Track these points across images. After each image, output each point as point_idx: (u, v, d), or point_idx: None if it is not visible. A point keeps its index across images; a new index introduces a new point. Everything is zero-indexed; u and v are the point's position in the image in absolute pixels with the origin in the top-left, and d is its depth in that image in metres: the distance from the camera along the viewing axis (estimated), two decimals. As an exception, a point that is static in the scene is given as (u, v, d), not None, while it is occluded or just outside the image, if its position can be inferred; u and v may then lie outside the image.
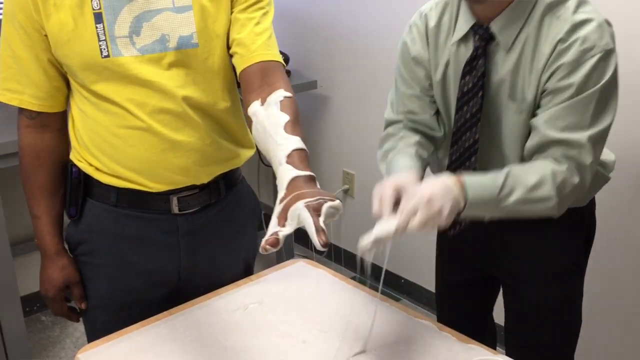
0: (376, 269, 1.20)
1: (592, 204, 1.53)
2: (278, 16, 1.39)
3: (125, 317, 1.37)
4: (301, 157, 1.07)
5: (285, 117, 1.14)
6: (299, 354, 1.24)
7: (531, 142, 1.31)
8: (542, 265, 1.47)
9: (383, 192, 1.17)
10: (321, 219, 0.94)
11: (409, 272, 2.97)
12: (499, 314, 1.70)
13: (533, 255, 1.48)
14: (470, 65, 1.34)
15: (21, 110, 1.35)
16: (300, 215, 0.94)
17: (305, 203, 0.95)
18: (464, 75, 1.35)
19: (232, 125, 1.40)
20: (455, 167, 1.42)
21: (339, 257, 3.20)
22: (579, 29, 1.23)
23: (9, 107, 1.34)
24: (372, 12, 2.74)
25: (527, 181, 1.24)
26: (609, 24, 1.26)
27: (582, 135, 1.24)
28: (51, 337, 2.70)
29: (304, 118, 1.21)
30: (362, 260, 1.12)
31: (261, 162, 3.28)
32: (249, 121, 1.22)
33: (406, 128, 1.48)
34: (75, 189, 1.38)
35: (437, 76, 1.42)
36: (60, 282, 1.41)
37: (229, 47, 1.32)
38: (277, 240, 0.92)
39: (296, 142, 1.09)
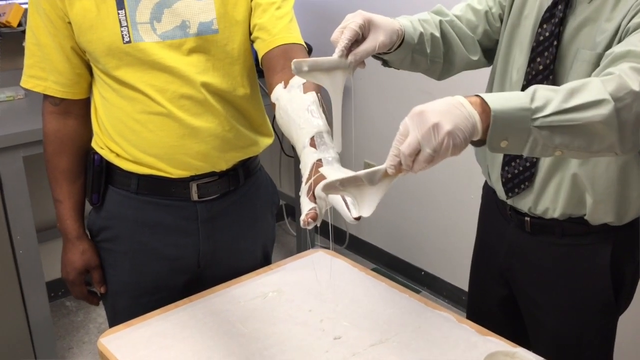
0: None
1: (635, 227, 1.33)
2: (300, 7, 1.38)
3: (146, 303, 1.39)
4: (324, 140, 1.06)
5: (308, 100, 1.13)
6: (317, 343, 1.25)
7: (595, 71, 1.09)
8: (561, 291, 1.35)
9: (349, 21, 1.08)
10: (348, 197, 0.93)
11: (429, 264, 2.96)
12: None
13: (552, 281, 1.37)
14: (550, 12, 1.23)
15: (45, 96, 1.37)
16: (327, 195, 0.93)
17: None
18: (542, 22, 1.25)
19: (251, 112, 1.41)
20: None
21: (358, 248, 3.19)
22: None
23: (36, 94, 1.37)
24: (395, 1, 2.72)
25: (565, 86, 0.97)
26: None
27: None
28: (75, 322, 2.75)
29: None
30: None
31: (282, 152, 3.28)
32: (273, 107, 1.21)
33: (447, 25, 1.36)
34: (98, 176, 1.39)
35: (511, 19, 1.31)
36: (80, 266, 1.43)
37: (250, 33, 1.32)
38: (317, 214, 0.93)
39: (319, 124, 1.09)
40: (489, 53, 1.42)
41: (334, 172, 0.97)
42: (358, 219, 0.91)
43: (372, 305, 1.36)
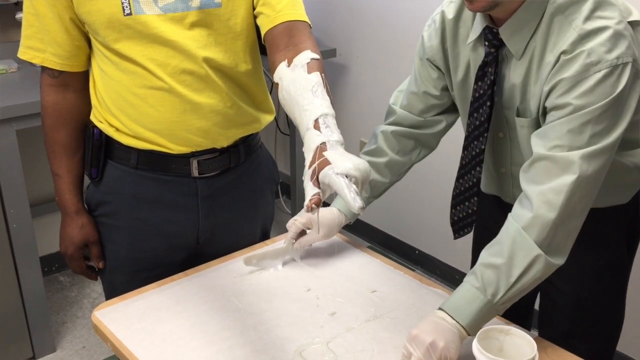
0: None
1: (637, 198, 1.41)
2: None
3: (144, 279, 1.39)
4: (328, 122, 1.05)
5: (312, 81, 1.11)
6: (312, 318, 1.26)
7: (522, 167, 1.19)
8: (579, 259, 1.36)
9: (293, 225, 1.40)
10: (352, 185, 0.93)
11: (423, 243, 2.98)
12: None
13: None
14: (482, 71, 1.24)
15: (44, 68, 1.35)
16: (331, 181, 0.93)
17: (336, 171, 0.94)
18: (476, 80, 1.26)
19: (252, 88, 1.40)
20: (463, 172, 1.37)
21: (352, 227, 3.20)
22: (587, 41, 1.08)
23: (30, 67, 1.35)
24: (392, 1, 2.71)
25: (503, 254, 1.12)
26: (635, 27, 1.14)
27: (574, 154, 1.09)
28: (69, 297, 2.76)
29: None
30: None
31: (278, 129, 3.27)
32: (275, 87, 1.20)
33: (394, 126, 1.44)
34: (97, 150, 1.38)
35: (459, 76, 1.32)
36: (79, 241, 1.43)
37: (254, 8, 1.31)
38: (320, 199, 0.94)
39: (323, 106, 1.07)
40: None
41: (338, 156, 0.96)
42: (363, 208, 0.91)
43: (367, 282, 1.38)
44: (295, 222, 1.40)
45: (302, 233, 1.43)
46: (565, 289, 1.42)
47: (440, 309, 1.14)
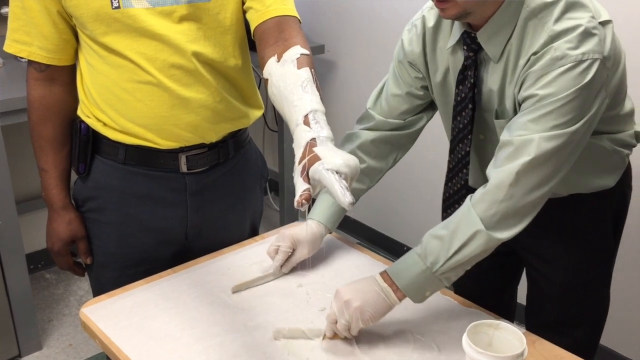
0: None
1: (623, 184, 1.42)
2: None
3: (132, 275, 1.39)
4: (317, 118, 1.04)
5: (301, 76, 1.11)
6: (302, 314, 1.26)
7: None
8: (566, 247, 1.41)
9: (279, 244, 1.37)
10: (343, 180, 0.93)
11: (411, 239, 2.98)
12: (520, 294, 1.65)
13: (557, 236, 1.41)
14: (462, 74, 1.27)
15: (30, 62, 1.34)
16: (321, 177, 0.93)
17: (326, 167, 0.94)
18: (457, 84, 1.28)
19: (241, 83, 1.39)
20: (451, 176, 1.38)
21: (340, 223, 3.20)
22: (556, 40, 1.12)
23: (15, 61, 1.33)
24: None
25: (449, 227, 1.17)
26: (605, 26, 1.16)
27: (533, 135, 1.12)
28: (55, 295, 2.73)
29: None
30: None
31: (266, 126, 3.27)
32: (265, 82, 1.19)
33: (372, 131, 1.44)
34: (84, 145, 1.37)
35: (437, 78, 1.34)
36: (66, 236, 1.41)
37: (243, 3, 1.30)
38: (310, 195, 0.94)
39: (313, 102, 1.07)
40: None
41: (328, 152, 0.96)
42: (353, 203, 0.91)
43: (357, 277, 1.37)
44: (280, 249, 1.37)
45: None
46: (554, 277, 1.44)
47: (381, 272, 1.20)
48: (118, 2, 1.22)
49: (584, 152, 1.20)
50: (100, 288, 1.43)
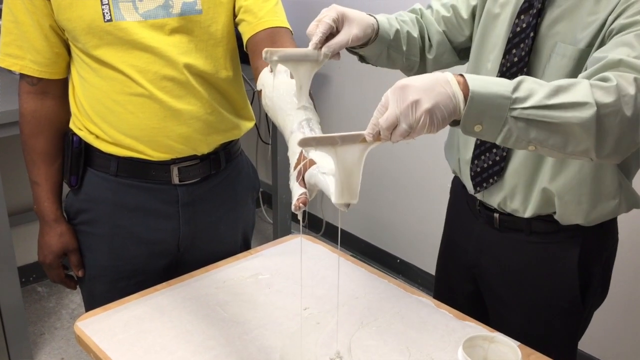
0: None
1: (612, 229, 1.34)
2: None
3: (124, 287, 1.38)
4: (312, 125, 1.06)
5: (294, 86, 1.12)
6: (297, 327, 1.25)
7: (583, 73, 1.06)
8: (529, 294, 1.34)
9: (323, 15, 1.10)
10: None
11: (404, 252, 2.98)
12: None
13: (521, 279, 1.35)
14: (529, 2, 1.20)
15: (22, 76, 1.34)
16: (317, 181, 0.94)
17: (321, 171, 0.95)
18: (520, 13, 1.21)
19: (233, 95, 1.40)
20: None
21: (334, 236, 3.20)
22: None
23: (8, 75, 1.34)
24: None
25: (554, 82, 0.97)
26: None
27: None
28: (47, 308, 2.71)
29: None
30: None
31: (259, 139, 3.27)
32: (259, 94, 1.20)
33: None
34: (76, 158, 1.37)
35: (495, 10, 1.27)
36: (58, 249, 1.41)
37: (235, 15, 1.31)
38: (307, 199, 0.95)
39: (307, 111, 1.08)
40: (464, 52, 1.41)
41: (323, 156, 0.97)
42: (347, 206, 0.91)
43: (352, 291, 1.37)
44: (323, 19, 1.11)
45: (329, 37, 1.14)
46: (512, 320, 1.38)
47: (456, 75, 0.95)
48: (110, 15, 1.23)
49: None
50: (92, 301, 1.42)
